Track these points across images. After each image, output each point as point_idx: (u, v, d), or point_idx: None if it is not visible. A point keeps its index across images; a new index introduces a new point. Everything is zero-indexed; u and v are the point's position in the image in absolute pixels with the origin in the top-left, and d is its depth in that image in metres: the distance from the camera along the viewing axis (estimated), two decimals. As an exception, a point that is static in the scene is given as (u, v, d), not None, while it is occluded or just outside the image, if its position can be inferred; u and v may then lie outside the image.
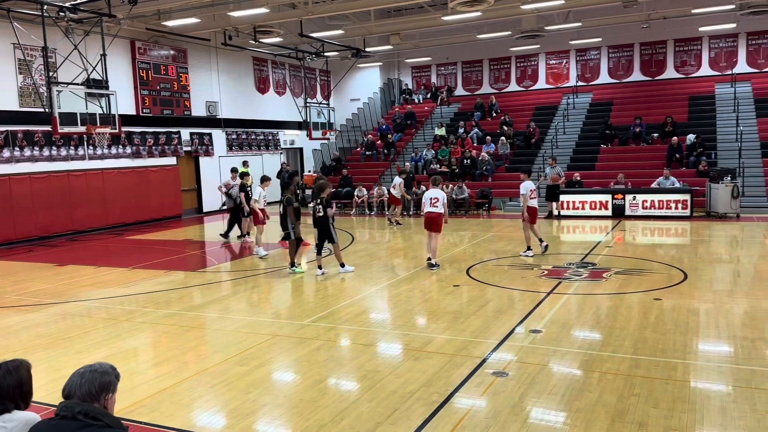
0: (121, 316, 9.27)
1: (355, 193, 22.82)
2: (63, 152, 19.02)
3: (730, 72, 25.88)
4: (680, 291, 9.61)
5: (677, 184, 19.01)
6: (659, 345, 7.05)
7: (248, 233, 16.29)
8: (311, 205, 12.44)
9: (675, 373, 6.22)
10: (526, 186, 12.87)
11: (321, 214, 11.50)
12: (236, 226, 16.72)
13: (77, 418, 2.72)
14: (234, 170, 18.05)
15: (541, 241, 13.04)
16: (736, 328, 7.66)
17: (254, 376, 6.58)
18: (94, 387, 2.82)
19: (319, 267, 11.75)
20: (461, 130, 26.49)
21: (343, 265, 11.78)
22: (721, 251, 13.64)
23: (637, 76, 28.07)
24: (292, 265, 12.15)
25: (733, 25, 24.32)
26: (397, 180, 19.92)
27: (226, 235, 16.99)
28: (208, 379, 6.53)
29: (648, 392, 5.74)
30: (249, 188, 16.04)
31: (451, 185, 21.64)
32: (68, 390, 2.84)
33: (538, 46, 27.97)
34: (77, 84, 16.68)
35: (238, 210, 16.47)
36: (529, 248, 12.97)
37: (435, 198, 12.13)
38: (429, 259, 12.19)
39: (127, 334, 8.42)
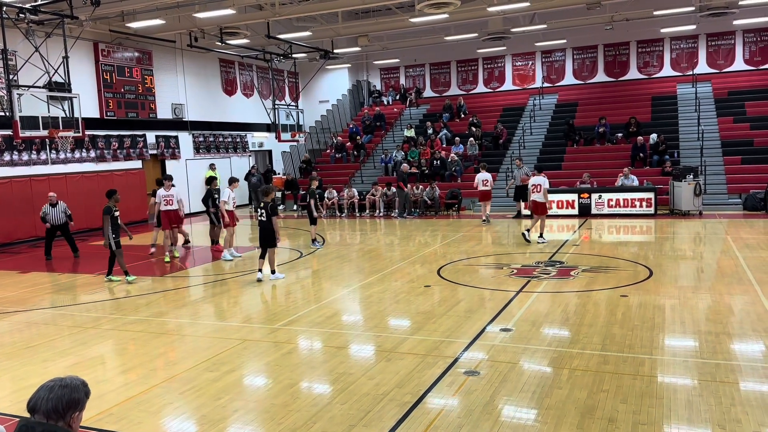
0: (87, 323, 9.08)
1: (326, 195, 22.74)
2: (25, 157, 18.58)
3: (691, 72, 26.48)
4: (646, 287, 9.79)
5: (636, 183, 19.36)
6: (627, 341, 7.17)
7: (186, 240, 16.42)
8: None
9: (643, 368, 6.33)
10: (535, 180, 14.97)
11: (264, 218, 11.37)
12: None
13: None
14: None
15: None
16: (700, 323, 7.83)
17: (225, 381, 6.50)
18: (61, 404, 2.67)
19: (260, 270, 11.53)
20: (430, 132, 26.62)
21: (273, 272, 11.60)
22: (685, 248, 13.93)
23: (601, 77, 28.53)
24: (109, 273, 12.21)
25: (693, 27, 24.89)
26: (229, 193, 14.60)
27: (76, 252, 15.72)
28: (178, 386, 6.43)
29: (617, 388, 5.83)
30: (215, 193, 15.61)
31: (421, 186, 21.77)
32: (33, 404, 2.70)
33: (505, 47, 28.25)
34: (39, 87, 16.29)
35: (67, 224, 15.46)
36: (541, 235, 14.72)
37: (486, 180, 17.74)
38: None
39: (93, 341, 8.25)
